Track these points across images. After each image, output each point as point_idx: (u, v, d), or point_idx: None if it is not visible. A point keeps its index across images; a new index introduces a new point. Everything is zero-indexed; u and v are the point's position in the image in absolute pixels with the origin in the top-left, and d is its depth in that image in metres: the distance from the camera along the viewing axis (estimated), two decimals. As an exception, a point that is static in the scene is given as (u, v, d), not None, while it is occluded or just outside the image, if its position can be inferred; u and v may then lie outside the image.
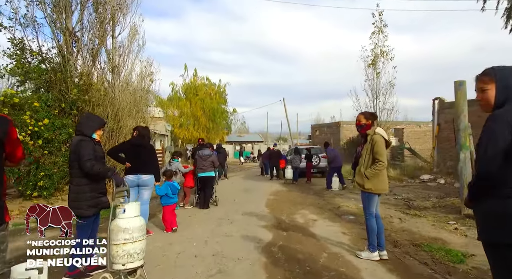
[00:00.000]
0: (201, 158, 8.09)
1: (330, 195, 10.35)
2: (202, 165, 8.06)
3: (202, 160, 8.06)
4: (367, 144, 4.22)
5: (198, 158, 8.16)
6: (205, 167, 8.02)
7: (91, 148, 3.65)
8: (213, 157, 8.13)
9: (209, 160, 8.03)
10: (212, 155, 8.16)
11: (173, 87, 29.58)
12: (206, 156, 8.06)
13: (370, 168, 4.11)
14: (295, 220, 6.60)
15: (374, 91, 17.25)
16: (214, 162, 8.14)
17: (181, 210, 7.87)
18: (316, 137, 25.43)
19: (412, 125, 22.81)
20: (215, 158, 8.20)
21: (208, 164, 8.03)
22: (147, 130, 5.64)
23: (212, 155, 8.16)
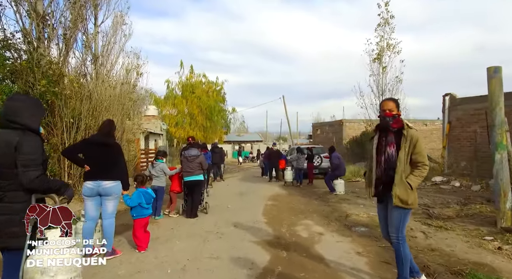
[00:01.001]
0: (187, 159, 7.01)
1: (335, 200, 9.27)
2: (188, 168, 6.97)
3: (188, 161, 6.97)
4: (404, 143, 3.11)
5: (184, 160, 7.08)
6: (191, 170, 6.94)
7: (40, 149, 2.41)
8: (200, 158, 7.04)
9: (196, 161, 6.95)
10: (199, 155, 7.07)
11: (169, 84, 28.53)
12: (192, 157, 6.97)
13: (412, 175, 3.05)
14: (297, 234, 5.51)
15: (380, 87, 16.19)
16: (203, 164, 7.05)
17: (164, 219, 6.79)
18: (317, 136, 24.35)
19: (418, 124, 21.73)
20: (203, 159, 7.10)
21: (195, 166, 6.94)
22: (111, 124, 4.54)
23: (200, 156, 7.07)
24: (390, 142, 3.26)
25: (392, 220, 3.23)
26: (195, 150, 7.12)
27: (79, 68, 8.63)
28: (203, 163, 7.00)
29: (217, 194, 10.68)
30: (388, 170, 3.20)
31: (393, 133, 3.25)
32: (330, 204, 8.55)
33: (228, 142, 49.00)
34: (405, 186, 3.06)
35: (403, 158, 3.08)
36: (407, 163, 3.07)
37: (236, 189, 12.24)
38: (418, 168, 3.05)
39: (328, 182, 10.70)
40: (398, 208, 3.12)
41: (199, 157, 7.00)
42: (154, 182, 6.97)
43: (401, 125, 3.18)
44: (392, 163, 3.17)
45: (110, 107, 8.73)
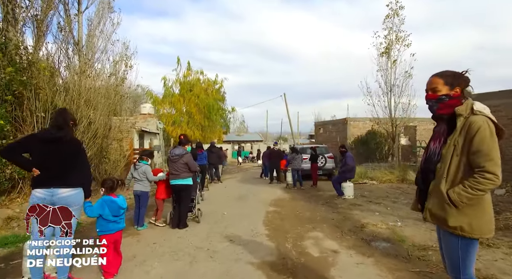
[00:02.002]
0: (170, 159, 6.01)
1: (344, 205, 8.26)
2: (172, 169, 5.97)
3: (172, 162, 5.97)
4: (454, 136, 2.13)
5: (169, 160, 6.08)
6: (176, 172, 5.92)
7: None
8: (186, 158, 5.96)
9: (180, 162, 5.91)
10: (184, 155, 6.00)
11: (165, 81, 27.50)
12: (175, 156, 5.96)
13: (461, 186, 2.04)
14: (306, 252, 4.50)
15: (388, 82, 15.17)
16: (189, 165, 5.97)
17: (148, 230, 5.78)
18: (320, 136, 23.32)
19: (425, 122, 20.70)
20: (189, 160, 6.01)
21: (180, 167, 5.90)
22: (64, 114, 3.50)
23: (185, 156, 6.00)
24: (437, 134, 2.34)
25: (447, 252, 2.24)
26: (179, 148, 6.10)
27: (56, 55, 7.62)
28: (189, 164, 5.95)
29: (212, 198, 9.68)
30: (426, 173, 2.29)
31: (445, 122, 2.26)
32: (339, 210, 7.54)
33: (228, 142, 48.08)
34: (443, 197, 2.08)
35: (448, 157, 2.11)
36: (460, 166, 2.07)
37: (234, 192, 11.23)
38: (473, 177, 2.02)
39: (336, 185, 9.69)
40: (451, 235, 2.12)
41: (184, 157, 5.95)
42: (137, 186, 5.97)
43: (452, 110, 2.17)
44: (431, 164, 2.23)
45: (91, 100, 7.72)
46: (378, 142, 17.80)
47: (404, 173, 13.12)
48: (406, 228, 5.62)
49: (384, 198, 9.23)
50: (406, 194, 9.97)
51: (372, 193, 10.47)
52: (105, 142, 9.62)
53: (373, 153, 17.80)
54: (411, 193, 10.10)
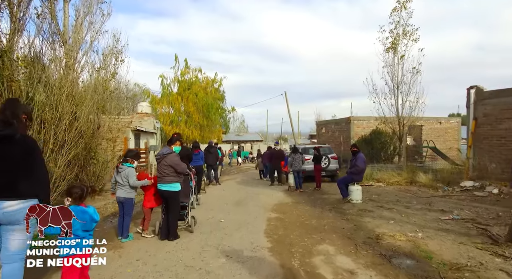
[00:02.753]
0: (156, 160, 5.30)
1: (353, 211, 7.54)
2: (158, 172, 5.25)
3: (158, 163, 5.25)
4: None
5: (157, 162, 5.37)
6: (160, 176, 5.19)
7: None
8: (170, 159, 5.15)
9: (164, 163, 5.17)
10: (169, 154, 5.24)
11: (163, 79, 26.75)
12: (158, 156, 5.25)
13: None
14: (317, 273, 3.77)
15: (395, 79, 14.44)
16: (175, 167, 5.16)
17: (134, 242, 5.06)
18: (322, 135, 22.59)
19: (431, 122, 20.03)
20: (173, 160, 5.17)
21: (163, 169, 5.15)
22: (12, 106, 2.78)
23: (168, 156, 5.20)
24: None
25: None
26: (165, 147, 5.38)
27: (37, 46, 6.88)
28: (174, 166, 5.17)
29: (209, 202, 8.95)
30: None
31: None
32: (349, 217, 6.82)
33: (227, 142, 47.49)
34: None
35: None
36: None
37: (233, 195, 10.51)
38: None
39: (341, 185, 8.96)
40: None
41: (167, 158, 5.17)
42: (120, 192, 5.24)
43: None
44: None
45: (74, 95, 6.99)
46: (383, 142, 17.08)
47: (413, 175, 12.40)
48: (430, 240, 4.90)
49: (395, 203, 8.52)
50: (418, 198, 9.25)
51: (381, 196, 9.75)
52: (93, 141, 8.89)
53: (378, 153, 17.08)
54: (423, 197, 9.39)
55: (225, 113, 33.58)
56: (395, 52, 14.52)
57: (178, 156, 5.42)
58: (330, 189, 12.04)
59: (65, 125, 6.60)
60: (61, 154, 6.54)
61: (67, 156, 6.68)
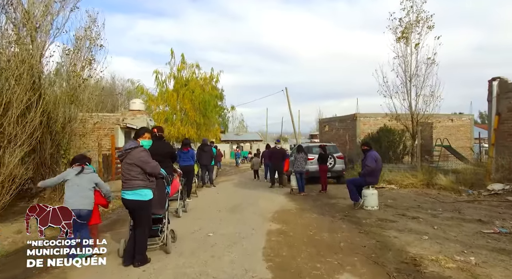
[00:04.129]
0: (119, 159, 3.99)
1: (370, 220, 6.24)
2: (122, 176, 3.94)
3: (120, 162, 3.96)
4: None
5: (122, 162, 4.05)
6: (125, 179, 3.88)
7: None
8: (136, 154, 3.87)
9: (128, 161, 3.87)
10: (134, 148, 3.93)
11: (157, 75, 25.43)
12: (121, 153, 3.93)
13: None
14: None
15: (408, 70, 13.13)
16: (143, 165, 3.88)
17: (86, 269, 3.73)
18: (325, 134, 21.28)
19: (442, 119, 18.71)
20: (141, 156, 3.88)
21: (127, 171, 3.86)
22: None
23: (133, 152, 3.90)
24: None
25: None
26: (130, 141, 4.05)
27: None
28: (142, 163, 3.85)
29: (199, 209, 7.66)
30: None
31: None
32: (367, 229, 5.51)
33: (226, 141, 46.28)
34: None
35: None
36: None
37: (228, 199, 9.20)
38: None
39: (352, 188, 7.64)
40: None
41: (132, 153, 3.86)
42: (77, 201, 3.96)
43: None
44: None
45: (33, 79, 5.68)
46: (391, 140, 15.78)
47: (430, 176, 11.10)
48: (489, 267, 3.59)
49: (417, 210, 7.23)
50: (442, 204, 7.96)
51: (398, 201, 8.46)
52: (64, 137, 7.60)
53: (386, 152, 15.77)
54: (447, 202, 8.09)
55: (223, 112, 32.31)
56: (407, 42, 13.22)
57: (146, 151, 4.09)
58: (337, 192, 10.75)
59: (15, 116, 5.28)
60: (10, 150, 5.23)
61: (18, 153, 5.37)
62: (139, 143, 4.09)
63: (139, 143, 4.06)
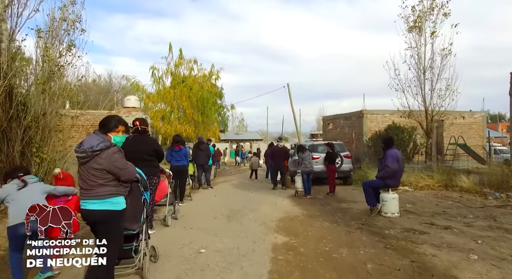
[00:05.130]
0: (79, 161, 2.93)
1: (394, 230, 5.24)
2: (82, 182, 2.87)
3: (80, 165, 2.90)
4: None
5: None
6: (87, 186, 2.83)
7: None
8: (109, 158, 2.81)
9: (96, 166, 2.77)
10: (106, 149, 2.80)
11: (153, 71, 24.37)
12: (81, 154, 2.82)
13: None
14: None
15: (421, 62, 12.13)
16: (118, 173, 2.86)
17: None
18: (329, 132, 20.26)
19: (453, 116, 17.65)
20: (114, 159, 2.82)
21: (97, 178, 2.79)
22: None
23: (106, 151, 2.81)
24: None
25: None
26: (94, 137, 2.96)
27: None
28: (118, 170, 2.84)
29: (192, 215, 6.65)
30: None
31: None
32: (394, 243, 4.50)
33: (226, 141, 45.28)
34: None
35: None
36: None
37: (225, 203, 8.19)
38: None
39: (369, 191, 6.61)
40: None
41: (104, 156, 2.80)
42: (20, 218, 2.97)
43: None
44: None
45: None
46: (401, 139, 14.77)
47: (447, 177, 10.10)
48: None
49: (445, 217, 6.24)
50: (470, 209, 6.97)
51: (418, 206, 7.47)
52: (37, 133, 6.60)
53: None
54: (475, 208, 7.10)
55: (223, 111, 31.29)
56: (419, 31, 12.22)
57: (121, 152, 3.05)
58: (346, 194, 9.78)
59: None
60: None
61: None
62: (111, 139, 3.06)
63: (110, 140, 3.02)
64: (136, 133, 5.14)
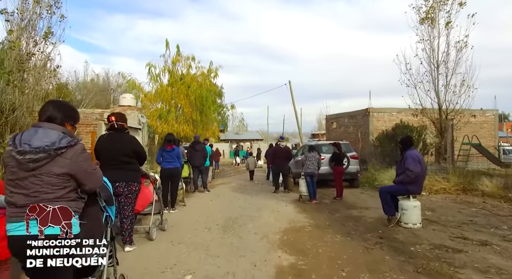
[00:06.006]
0: (6, 164, 2.08)
1: (420, 246, 4.39)
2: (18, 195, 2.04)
3: (18, 170, 2.04)
4: None
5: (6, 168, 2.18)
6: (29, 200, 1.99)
7: None
8: (75, 158, 2.02)
9: (55, 171, 1.97)
10: (67, 149, 1.99)
11: (150, 68, 23.50)
12: (22, 157, 1.98)
13: None
14: None
15: (434, 56, 11.27)
16: (84, 178, 2.08)
17: None
18: (332, 131, 19.39)
19: (463, 114, 16.80)
20: (82, 162, 2.05)
21: (42, 185, 1.97)
22: None
23: (70, 150, 2.00)
24: None
25: None
26: (44, 130, 2.08)
27: None
28: (85, 177, 2.09)
29: (182, 225, 5.79)
30: None
31: None
32: (425, 264, 3.64)
33: (225, 141, 44.48)
34: None
35: None
36: None
37: (222, 209, 7.34)
38: None
39: (387, 198, 5.72)
40: None
41: (68, 154, 2.00)
42: None
43: None
44: None
45: None
46: (410, 138, 13.91)
47: (465, 180, 9.23)
48: None
49: (474, 228, 5.39)
50: (500, 217, 6.13)
51: (438, 213, 6.63)
52: (6, 131, 5.77)
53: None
54: (506, 216, 6.24)
55: (223, 110, 30.43)
56: (432, 23, 11.35)
57: (85, 151, 2.19)
58: (355, 198, 8.94)
59: None
60: None
61: None
62: (74, 132, 2.25)
63: (73, 134, 2.18)
64: (112, 131, 4.28)
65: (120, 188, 4.21)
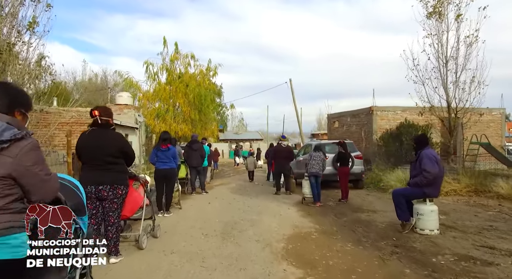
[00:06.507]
0: None
1: (445, 257, 3.90)
2: None
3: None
4: None
5: None
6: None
7: None
8: (22, 157, 1.56)
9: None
10: (16, 141, 1.55)
11: (148, 67, 22.97)
12: None
13: None
14: None
15: (443, 51, 10.78)
16: (37, 185, 1.61)
17: None
18: (334, 130, 18.90)
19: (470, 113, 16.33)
20: (32, 163, 1.59)
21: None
22: None
23: (15, 145, 1.54)
24: None
25: None
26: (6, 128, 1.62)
27: None
28: (37, 184, 1.63)
29: (177, 230, 5.30)
30: None
31: None
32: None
33: (225, 141, 44.01)
34: None
35: None
36: None
37: (220, 213, 6.84)
38: None
39: (401, 203, 5.21)
40: None
41: (12, 151, 1.54)
42: None
43: None
44: None
45: None
46: (415, 138, 13.44)
47: (477, 181, 8.75)
48: None
49: (497, 234, 4.91)
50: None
51: (453, 218, 6.15)
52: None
53: (409, 151, 13.44)
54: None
55: (222, 110, 29.93)
56: (440, 17, 10.86)
57: (37, 149, 1.71)
58: (361, 201, 8.47)
59: None
60: None
61: None
62: (26, 122, 1.79)
63: (23, 126, 1.72)
64: (95, 127, 3.78)
65: (104, 192, 3.72)
